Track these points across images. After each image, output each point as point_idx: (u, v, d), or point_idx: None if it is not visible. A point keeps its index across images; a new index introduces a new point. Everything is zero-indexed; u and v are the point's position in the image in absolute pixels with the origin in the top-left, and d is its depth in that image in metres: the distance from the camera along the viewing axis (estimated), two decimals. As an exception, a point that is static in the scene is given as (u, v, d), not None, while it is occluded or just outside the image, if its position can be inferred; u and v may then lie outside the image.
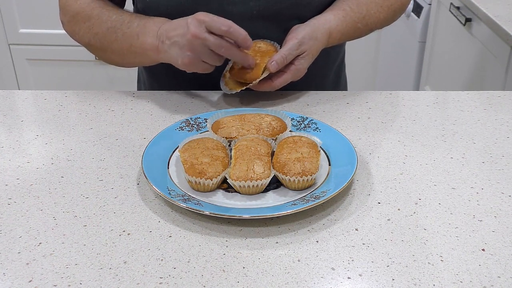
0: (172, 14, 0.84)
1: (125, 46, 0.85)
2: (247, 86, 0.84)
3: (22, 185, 0.70)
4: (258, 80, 0.83)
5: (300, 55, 0.84)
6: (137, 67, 1.10)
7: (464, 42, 1.65)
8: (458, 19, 1.64)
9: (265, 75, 0.83)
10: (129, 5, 0.97)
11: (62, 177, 0.72)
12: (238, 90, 0.85)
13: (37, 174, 0.72)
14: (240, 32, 0.79)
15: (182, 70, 0.82)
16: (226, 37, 0.79)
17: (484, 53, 1.52)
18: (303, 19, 0.87)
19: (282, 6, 0.88)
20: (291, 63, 0.84)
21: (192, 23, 0.78)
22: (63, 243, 0.60)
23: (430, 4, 1.94)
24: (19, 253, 0.59)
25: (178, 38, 0.79)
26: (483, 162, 0.74)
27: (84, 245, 0.60)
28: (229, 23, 0.78)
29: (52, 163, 0.75)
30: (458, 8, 1.65)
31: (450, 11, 1.71)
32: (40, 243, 0.60)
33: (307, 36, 0.84)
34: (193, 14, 0.82)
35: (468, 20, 1.58)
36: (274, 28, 0.88)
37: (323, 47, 0.88)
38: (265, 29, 0.85)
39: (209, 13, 0.79)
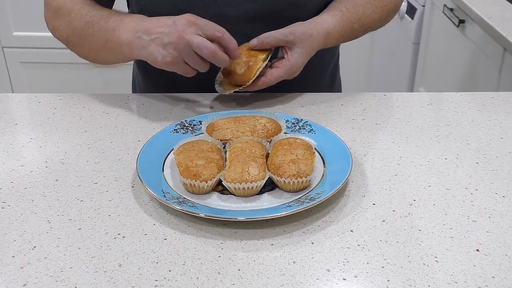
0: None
1: (101, 41, 0.84)
2: (241, 88, 0.84)
3: (16, 188, 0.70)
4: (251, 81, 0.83)
5: (290, 48, 0.84)
6: (132, 69, 1.10)
7: (457, 43, 1.66)
8: (451, 21, 1.65)
9: (257, 74, 0.83)
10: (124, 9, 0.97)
11: (57, 180, 0.71)
12: (232, 91, 0.85)
13: (31, 177, 0.72)
14: (232, 41, 0.79)
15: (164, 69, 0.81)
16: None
17: (477, 54, 1.53)
18: (299, 21, 0.87)
19: (279, 8, 0.89)
20: (283, 57, 0.84)
21: (180, 23, 0.77)
22: (57, 246, 0.60)
23: (423, 6, 1.95)
24: (13, 257, 0.58)
25: (161, 35, 0.78)
26: (477, 163, 0.75)
27: (79, 248, 0.59)
28: (223, 29, 0.79)
29: (47, 166, 0.74)
30: (451, 9, 1.66)
31: (443, 12, 1.72)
32: (34, 247, 0.60)
33: (300, 30, 0.84)
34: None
35: (461, 21, 1.59)
36: (271, 30, 0.88)
37: (319, 46, 0.88)
38: (261, 31, 0.85)
39: (199, 17, 0.79)
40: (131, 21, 0.82)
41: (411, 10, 2.05)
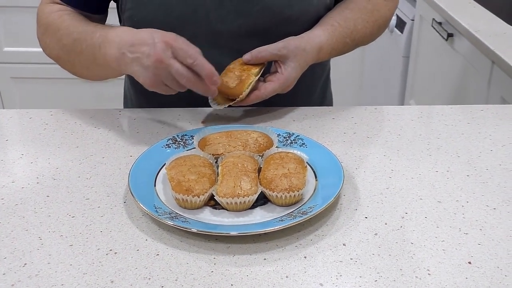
0: None
1: (90, 58, 0.84)
2: (234, 102, 0.84)
3: (7, 205, 0.69)
4: (244, 94, 0.83)
5: (284, 62, 0.84)
6: (123, 84, 1.10)
7: (446, 56, 1.68)
8: (440, 34, 1.67)
9: (249, 88, 0.83)
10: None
11: (48, 196, 0.71)
12: (226, 105, 0.85)
13: (22, 193, 0.72)
14: (204, 67, 0.75)
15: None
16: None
17: (466, 67, 1.54)
18: (292, 36, 0.88)
19: (271, 24, 0.89)
20: (277, 71, 0.85)
21: (158, 45, 0.75)
22: (49, 263, 0.59)
23: (412, 20, 1.97)
24: (4, 274, 0.58)
25: (142, 56, 0.77)
26: (467, 176, 0.75)
27: (71, 265, 0.59)
28: (195, 55, 0.75)
29: (38, 182, 0.74)
30: (440, 23, 1.67)
31: (432, 26, 1.74)
32: (25, 264, 0.59)
33: (293, 44, 0.85)
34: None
35: (450, 35, 1.60)
36: (263, 45, 0.89)
37: (313, 61, 0.88)
38: (254, 47, 0.85)
39: (178, 37, 0.77)
40: (114, 37, 0.81)
41: (400, 24, 2.07)
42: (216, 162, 0.73)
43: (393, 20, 2.11)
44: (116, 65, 0.81)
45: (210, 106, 0.87)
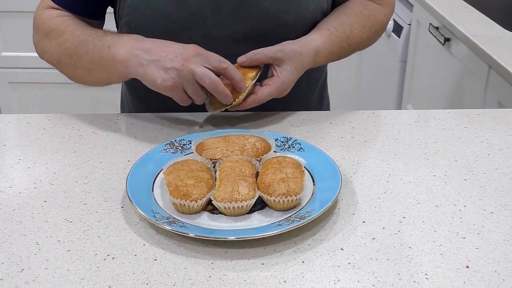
0: (158, 38, 0.84)
1: (95, 58, 0.84)
2: (231, 106, 0.84)
3: (4, 210, 0.69)
4: (241, 98, 0.83)
5: (279, 65, 0.85)
6: (120, 89, 1.10)
7: (443, 61, 1.68)
8: (437, 39, 1.68)
9: (245, 94, 0.83)
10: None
11: (45, 201, 0.71)
12: (222, 110, 0.85)
13: (19, 198, 0.72)
14: (237, 73, 0.81)
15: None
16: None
17: (463, 72, 1.55)
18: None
19: (267, 29, 0.90)
20: (274, 75, 0.85)
21: (187, 52, 0.79)
22: (46, 268, 0.59)
23: (409, 25, 1.97)
24: (1, 280, 0.58)
25: (164, 59, 0.78)
26: (465, 180, 0.75)
27: (68, 270, 0.59)
28: (228, 61, 0.80)
29: (35, 187, 0.74)
30: (437, 28, 1.68)
31: (429, 31, 1.74)
32: (22, 269, 0.59)
33: (289, 47, 0.85)
34: (179, 38, 0.83)
35: (447, 40, 1.61)
36: None
37: (310, 65, 0.88)
38: None
39: (204, 49, 0.80)
40: (128, 39, 0.82)
41: (397, 29, 2.08)
42: (214, 166, 0.73)
43: (390, 24, 2.11)
44: (123, 66, 0.81)
45: (207, 111, 0.87)
